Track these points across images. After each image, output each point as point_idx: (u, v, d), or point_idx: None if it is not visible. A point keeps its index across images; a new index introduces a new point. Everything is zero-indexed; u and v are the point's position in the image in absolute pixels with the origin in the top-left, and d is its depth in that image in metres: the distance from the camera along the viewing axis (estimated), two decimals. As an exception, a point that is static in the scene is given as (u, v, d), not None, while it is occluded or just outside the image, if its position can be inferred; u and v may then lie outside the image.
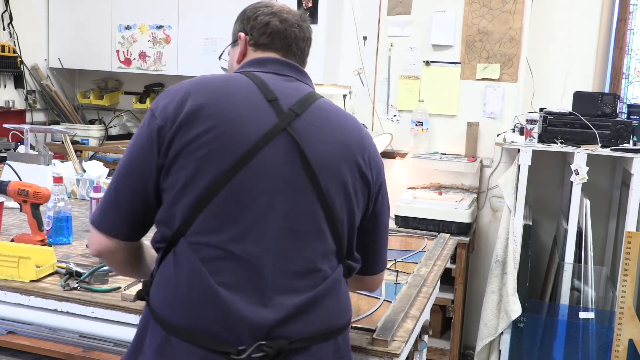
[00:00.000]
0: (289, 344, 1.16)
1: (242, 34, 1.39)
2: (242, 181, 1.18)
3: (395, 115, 3.78)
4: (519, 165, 3.11)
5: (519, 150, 3.12)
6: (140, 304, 1.43)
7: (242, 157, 1.18)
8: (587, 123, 3.04)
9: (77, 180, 2.75)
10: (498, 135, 3.46)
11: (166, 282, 1.20)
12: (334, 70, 3.85)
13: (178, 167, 1.18)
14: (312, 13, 3.60)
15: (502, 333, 3.19)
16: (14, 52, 3.94)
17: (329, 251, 1.25)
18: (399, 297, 1.67)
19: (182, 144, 1.18)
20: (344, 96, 3.85)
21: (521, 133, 3.19)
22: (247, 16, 1.39)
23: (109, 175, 2.76)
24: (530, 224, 3.25)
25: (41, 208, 2.00)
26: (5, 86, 3.98)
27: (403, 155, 3.70)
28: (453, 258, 3.25)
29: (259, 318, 1.15)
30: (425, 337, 1.97)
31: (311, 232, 1.22)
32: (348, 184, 1.25)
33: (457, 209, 3.27)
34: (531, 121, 3.10)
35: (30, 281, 1.66)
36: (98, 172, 2.75)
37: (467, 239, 3.27)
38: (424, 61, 3.68)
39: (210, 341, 1.15)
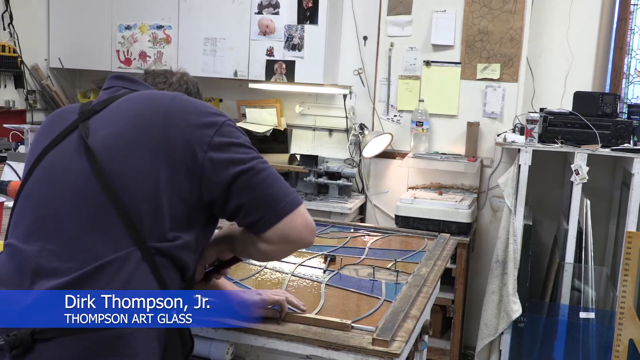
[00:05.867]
0: (32, 334, 1.10)
1: None
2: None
3: (395, 116, 3.78)
4: (519, 165, 3.11)
5: (519, 150, 3.12)
6: None
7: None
8: (588, 123, 3.04)
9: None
10: (498, 135, 3.46)
11: None
12: (334, 70, 3.85)
13: None
14: (312, 13, 3.60)
15: (502, 333, 3.19)
16: (14, 52, 3.94)
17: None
18: (399, 297, 1.67)
19: None
20: (344, 96, 3.86)
21: (521, 133, 3.19)
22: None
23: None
24: (531, 224, 3.24)
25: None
26: (5, 86, 3.98)
27: (403, 155, 3.70)
28: (453, 258, 3.25)
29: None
30: (426, 337, 1.97)
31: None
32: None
33: (457, 209, 3.27)
34: (531, 121, 3.10)
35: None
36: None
37: (468, 239, 3.27)
38: (424, 61, 3.67)
39: None
